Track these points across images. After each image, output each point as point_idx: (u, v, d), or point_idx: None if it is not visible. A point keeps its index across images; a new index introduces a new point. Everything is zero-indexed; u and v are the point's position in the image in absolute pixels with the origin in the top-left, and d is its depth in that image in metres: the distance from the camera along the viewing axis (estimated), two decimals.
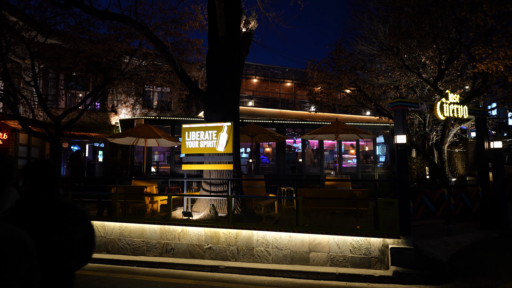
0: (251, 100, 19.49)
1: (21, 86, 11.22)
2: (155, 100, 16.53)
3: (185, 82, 8.48)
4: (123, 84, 12.10)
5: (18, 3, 9.23)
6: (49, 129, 9.83)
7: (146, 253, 6.71)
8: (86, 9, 8.20)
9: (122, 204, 7.45)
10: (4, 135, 11.28)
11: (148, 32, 8.29)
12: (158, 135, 8.85)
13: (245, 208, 7.68)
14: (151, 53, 10.65)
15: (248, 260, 6.12)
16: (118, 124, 14.45)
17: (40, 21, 9.70)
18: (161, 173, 13.43)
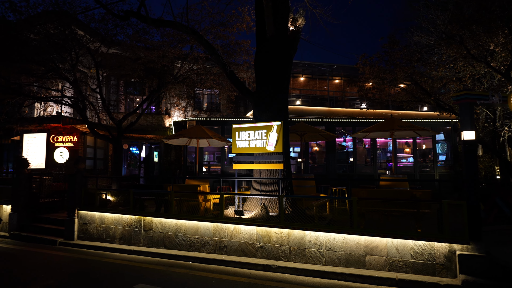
0: (298, 99, 19.27)
1: (88, 93, 12.30)
2: (205, 102, 17.11)
3: (234, 83, 8.63)
4: (175, 87, 12.70)
5: (84, 18, 10.14)
6: (112, 132, 10.66)
7: (200, 249, 6.94)
8: (143, 18, 8.74)
9: (177, 202, 7.80)
10: (75, 137, 12.50)
11: (199, 37, 8.59)
12: (210, 135, 9.12)
13: (296, 208, 7.59)
14: (201, 56, 11.03)
15: (300, 260, 6.03)
16: (171, 126, 15.21)
17: (103, 33, 10.55)
18: (211, 172, 13.86)
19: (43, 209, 10.35)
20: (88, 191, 8.80)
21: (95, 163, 13.79)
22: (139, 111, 11.72)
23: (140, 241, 7.68)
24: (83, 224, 8.55)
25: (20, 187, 9.89)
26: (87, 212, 8.52)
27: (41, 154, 12.57)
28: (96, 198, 8.59)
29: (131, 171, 17.01)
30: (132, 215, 7.87)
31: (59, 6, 9.30)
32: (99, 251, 7.71)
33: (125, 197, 8.83)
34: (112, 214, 8.16)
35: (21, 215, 9.80)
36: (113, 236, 8.07)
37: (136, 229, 7.78)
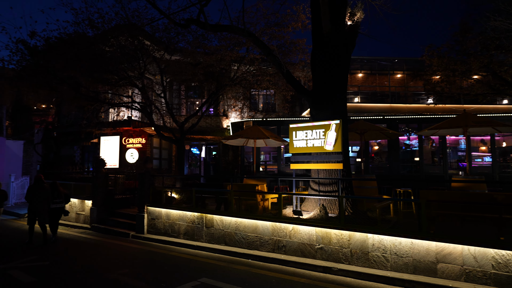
0: (356, 96, 18.51)
1: (153, 98, 13.27)
2: (260, 103, 17.34)
3: (291, 82, 8.60)
4: (232, 89, 13.09)
5: (150, 29, 10.97)
6: (175, 133, 11.37)
7: (259, 248, 7.04)
8: (202, 25, 9.16)
9: (236, 201, 8.02)
10: (143, 139, 13.60)
11: (255, 38, 8.73)
12: (266, 135, 9.22)
13: (357, 210, 7.29)
14: (257, 58, 11.21)
15: (363, 264, 5.78)
16: (229, 127, 15.70)
17: (166, 41, 11.30)
18: (268, 172, 13.98)
19: (117, 205, 11.42)
20: (155, 189, 9.49)
21: (161, 163, 14.82)
22: (199, 114, 12.32)
23: (202, 237, 8.06)
24: (152, 220, 9.24)
25: (99, 184, 11.04)
26: (155, 208, 9.19)
27: (115, 154, 13.89)
28: (162, 196, 9.22)
29: (192, 171, 17.95)
30: (194, 212, 8.29)
31: (129, 20, 10.18)
32: (165, 245, 8.26)
33: (188, 195, 9.34)
34: (177, 210, 8.69)
35: (100, 209, 10.93)
36: (178, 232, 8.59)
37: (199, 226, 8.17)
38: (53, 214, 8.81)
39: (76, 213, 11.88)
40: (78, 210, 11.84)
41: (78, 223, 11.50)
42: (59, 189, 9.04)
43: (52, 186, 8.95)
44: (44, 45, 9.99)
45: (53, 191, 8.86)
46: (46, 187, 8.73)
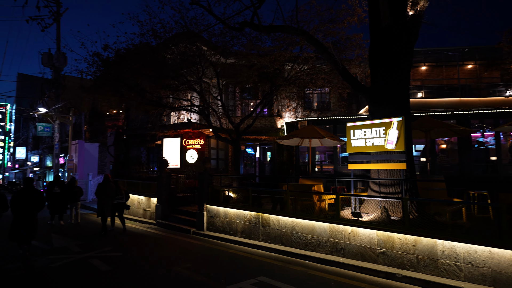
0: (420, 91, 17.19)
1: (210, 100, 13.83)
2: (315, 102, 17.04)
3: (347, 79, 8.30)
4: (286, 89, 13.06)
5: (206, 35, 11.46)
6: (231, 134, 11.71)
7: (316, 249, 6.92)
8: (256, 27, 9.30)
9: (292, 201, 7.98)
10: (201, 140, 14.26)
11: (309, 37, 8.61)
12: (322, 135, 9.03)
13: (423, 213, 6.77)
14: (311, 56, 11.05)
15: (431, 272, 5.34)
16: (283, 127, 15.70)
17: (221, 45, 11.70)
18: (324, 172, 13.68)
19: (179, 202, 12.13)
20: (213, 188, 9.88)
21: (218, 163, 15.38)
22: (254, 115, 12.53)
23: (259, 236, 8.17)
24: (211, 217, 9.63)
25: (162, 183, 11.84)
26: (213, 206, 9.56)
27: (176, 155, 14.77)
28: (220, 195, 9.56)
29: (247, 170, 18.31)
30: (251, 212, 8.45)
31: (187, 28, 10.75)
32: (224, 242, 8.55)
33: (244, 195, 9.54)
34: (234, 209, 8.93)
35: (164, 206, 11.71)
36: (235, 230, 8.82)
37: (255, 225, 8.31)
38: (117, 209, 10.09)
39: (143, 209, 12.88)
40: (145, 207, 12.82)
41: (145, 219, 12.46)
42: (120, 187, 10.24)
43: (116, 184, 10.20)
44: (115, 56, 11.03)
45: (116, 188, 10.08)
46: (112, 185, 9.96)
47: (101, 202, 9.78)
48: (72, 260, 6.78)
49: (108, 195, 9.78)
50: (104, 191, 9.76)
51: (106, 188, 9.79)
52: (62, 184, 11.82)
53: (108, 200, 9.80)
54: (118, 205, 10.10)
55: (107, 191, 9.77)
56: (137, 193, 13.36)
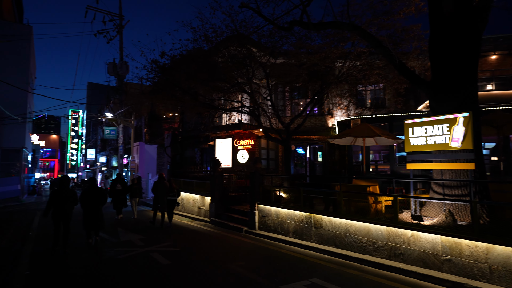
0: (489, 83, 15.51)
1: (260, 101, 13.97)
2: (368, 99, 16.30)
3: (404, 73, 7.81)
4: (337, 87, 12.69)
5: (256, 36, 11.58)
6: (282, 134, 11.71)
7: (373, 253, 6.62)
8: (305, 25, 9.17)
9: (345, 202, 7.73)
10: (252, 141, 14.47)
11: (361, 31, 8.26)
12: (377, 133, 8.60)
13: (495, 218, 6.11)
14: (364, 51, 10.58)
15: (507, 285, 4.79)
16: (334, 125, 15.28)
17: (271, 46, 11.75)
18: (379, 172, 13.03)
19: (231, 201, 12.45)
20: (264, 188, 9.96)
21: (268, 163, 15.48)
22: (304, 114, 12.38)
23: (311, 237, 8.05)
24: (262, 217, 9.73)
25: (215, 182, 12.25)
26: (265, 206, 9.64)
27: (228, 155, 15.18)
28: (271, 194, 9.61)
29: (298, 170, 18.15)
30: (302, 212, 8.35)
31: (237, 30, 10.99)
32: (275, 242, 8.57)
33: (296, 195, 9.47)
34: (285, 209, 8.91)
35: (217, 205, 12.11)
36: (287, 230, 8.80)
37: (307, 226, 8.20)
38: (169, 205, 10.96)
39: (198, 208, 13.45)
40: (200, 205, 13.38)
41: (199, 217, 13.00)
42: (173, 185, 11.14)
43: (169, 182, 11.12)
44: (170, 62, 11.69)
45: (170, 186, 10.98)
46: (165, 183, 10.95)
47: (156, 198, 10.92)
48: (136, 253, 7.33)
49: (162, 192, 10.81)
50: (159, 188, 10.85)
51: (160, 185, 10.86)
52: (123, 182, 13.19)
53: (162, 196, 10.80)
54: (170, 202, 11.00)
55: (161, 189, 10.82)
56: (192, 192, 14.01)
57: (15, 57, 23.05)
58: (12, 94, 21.09)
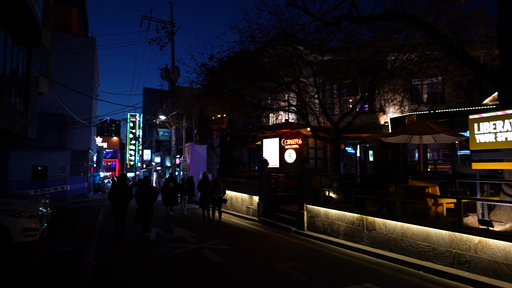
0: None
1: (307, 100, 13.74)
2: (424, 93, 15.17)
3: (468, 64, 7.12)
4: (389, 82, 11.99)
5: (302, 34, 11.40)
6: (330, 133, 11.38)
7: (433, 259, 6.13)
8: (354, 19, 8.80)
9: (401, 204, 7.27)
10: (299, 140, 14.30)
11: (417, 21, 7.71)
12: (436, 130, 7.96)
13: None
14: (420, 42, 9.84)
15: None
16: (387, 123, 14.48)
17: (318, 43, 11.48)
18: (438, 172, 12.06)
19: (279, 201, 12.42)
20: (313, 188, 9.77)
21: (316, 162, 15.17)
22: (354, 112, 11.92)
23: (363, 239, 7.71)
24: (311, 217, 9.55)
25: (263, 182, 12.31)
26: (314, 206, 9.46)
27: (275, 155, 15.18)
28: (320, 195, 9.39)
29: (347, 170, 17.54)
30: (354, 213, 8.04)
31: (284, 29, 10.92)
32: (325, 243, 8.36)
33: (346, 195, 9.15)
34: (335, 210, 8.65)
35: (265, 204, 12.16)
36: (337, 232, 8.53)
37: (359, 228, 7.86)
38: (216, 202, 11.62)
39: (247, 207, 13.64)
40: (248, 204, 13.56)
41: (248, 215, 13.17)
42: (219, 183, 11.77)
43: (215, 181, 11.83)
44: (218, 64, 12.00)
45: (214, 185, 11.67)
46: (209, 182, 11.81)
47: (201, 196, 11.72)
48: (188, 249, 7.64)
49: (206, 189, 11.60)
50: (204, 187, 11.67)
51: (204, 184, 11.71)
52: (175, 181, 14.44)
53: (206, 194, 11.56)
54: (216, 199, 11.61)
55: (206, 187, 11.63)
56: (240, 191, 14.25)
57: (81, 67, 25.45)
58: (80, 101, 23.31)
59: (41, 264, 6.26)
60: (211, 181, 11.94)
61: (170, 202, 13.89)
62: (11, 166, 22.34)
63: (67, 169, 23.88)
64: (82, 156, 26.31)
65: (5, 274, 5.55)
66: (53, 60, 23.81)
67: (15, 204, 7.27)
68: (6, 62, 9.81)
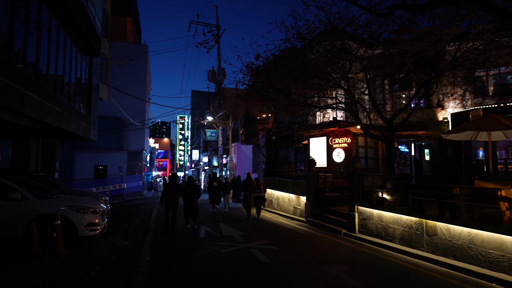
0: None
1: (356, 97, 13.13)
2: (490, 85, 13.69)
3: None
4: (448, 75, 10.98)
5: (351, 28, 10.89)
6: (384, 131, 10.73)
7: (508, 271, 5.44)
8: (409, 8, 8.14)
9: (467, 207, 6.57)
10: (348, 139, 13.74)
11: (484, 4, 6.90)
12: (510, 126, 7.08)
13: None
14: (488, 28, 8.84)
15: None
16: (446, 119, 13.33)
17: (367, 37, 10.88)
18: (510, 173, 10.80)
19: (327, 202, 12.03)
20: (365, 189, 9.29)
21: (366, 162, 14.47)
22: (409, 108, 11.13)
23: (422, 245, 7.13)
24: (363, 220, 9.08)
25: (311, 182, 12.02)
26: (366, 208, 8.98)
27: (322, 154, 14.76)
28: (373, 196, 8.89)
29: (400, 170, 16.48)
30: (411, 217, 7.47)
31: (331, 24, 10.53)
32: (378, 248, 7.88)
33: (401, 197, 8.55)
34: (390, 213, 8.12)
35: (313, 205, 11.86)
36: (392, 236, 7.99)
37: (417, 232, 7.28)
38: (257, 200, 12.52)
39: (294, 207, 13.43)
40: (295, 204, 13.34)
41: (295, 216, 12.96)
42: (259, 183, 12.67)
43: (256, 181, 12.69)
44: (264, 63, 11.94)
45: (256, 184, 12.53)
46: (252, 181, 12.65)
47: (245, 195, 12.64)
48: (237, 248, 7.67)
49: (249, 189, 12.44)
50: (246, 186, 12.51)
51: (247, 184, 12.55)
52: (219, 180, 15.58)
53: (249, 193, 12.46)
54: (257, 198, 12.49)
55: (248, 186, 12.45)
56: (287, 191, 14.08)
57: (136, 73, 27.16)
58: (134, 105, 24.90)
59: (102, 257, 6.69)
60: (253, 181, 12.66)
61: (214, 200, 14.97)
62: (76, 165, 24.54)
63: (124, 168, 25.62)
64: (137, 156, 28.03)
65: (72, 265, 6.01)
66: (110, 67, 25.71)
67: (80, 201, 7.88)
68: (71, 71, 10.73)
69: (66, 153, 23.81)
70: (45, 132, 11.21)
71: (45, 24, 8.38)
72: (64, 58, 9.90)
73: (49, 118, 8.47)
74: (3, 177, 7.07)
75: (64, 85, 10.04)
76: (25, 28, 7.33)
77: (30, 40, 7.57)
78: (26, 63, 7.41)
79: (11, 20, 6.61)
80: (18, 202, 6.79)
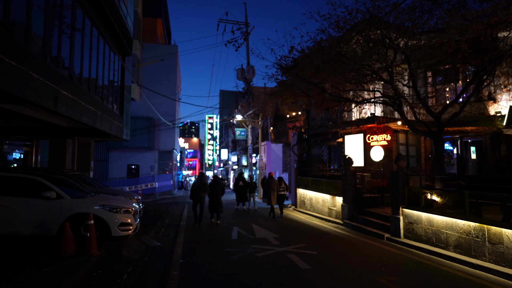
0: None
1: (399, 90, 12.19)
2: None
3: None
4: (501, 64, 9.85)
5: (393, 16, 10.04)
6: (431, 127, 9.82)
7: None
8: None
9: None
10: (388, 136, 12.83)
11: None
12: None
13: None
14: None
15: None
16: (499, 113, 12.06)
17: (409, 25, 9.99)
18: None
19: (365, 203, 11.27)
20: (410, 190, 8.50)
21: (408, 160, 13.47)
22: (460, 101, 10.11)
23: (483, 254, 6.29)
24: (409, 223, 8.30)
25: (347, 182, 11.31)
26: (412, 211, 8.20)
27: (359, 153, 13.93)
28: (420, 198, 8.09)
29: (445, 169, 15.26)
30: (469, 222, 6.64)
31: (370, 12, 9.79)
32: (429, 255, 7.11)
33: (454, 199, 7.70)
34: (442, 217, 7.31)
35: (350, 206, 11.15)
36: (445, 242, 7.18)
37: (477, 239, 6.45)
38: (279, 198, 12.97)
39: (328, 208, 12.76)
40: (330, 205, 12.66)
41: (330, 217, 12.29)
42: (282, 181, 13.15)
43: (279, 180, 13.13)
44: (299, 56, 11.37)
45: (279, 183, 13.03)
46: (274, 180, 13.09)
47: (268, 194, 12.95)
48: (272, 252, 7.20)
49: (271, 187, 12.81)
50: (269, 184, 12.98)
51: (270, 183, 13.00)
52: (244, 180, 15.86)
53: (271, 191, 12.76)
54: (280, 196, 12.95)
55: (271, 184, 12.90)
56: (321, 191, 13.43)
57: (166, 73, 27.47)
58: (165, 105, 25.19)
59: (135, 258, 6.49)
60: (276, 180, 13.15)
61: (240, 199, 15.42)
62: (111, 165, 25.21)
63: (155, 167, 26.00)
64: (168, 156, 28.38)
65: (105, 266, 5.83)
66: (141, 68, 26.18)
67: (113, 200, 7.76)
68: (104, 70, 10.78)
69: (101, 153, 24.53)
70: (80, 132, 11.38)
71: (79, 25, 8.38)
72: (97, 57, 9.93)
73: (83, 117, 8.47)
74: (40, 176, 7.08)
75: (97, 84, 10.08)
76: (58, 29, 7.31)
77: (63, 39, 7.56)
78: (60, 62, 7.40)
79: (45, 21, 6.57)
80: (53, 201, 6.75)
